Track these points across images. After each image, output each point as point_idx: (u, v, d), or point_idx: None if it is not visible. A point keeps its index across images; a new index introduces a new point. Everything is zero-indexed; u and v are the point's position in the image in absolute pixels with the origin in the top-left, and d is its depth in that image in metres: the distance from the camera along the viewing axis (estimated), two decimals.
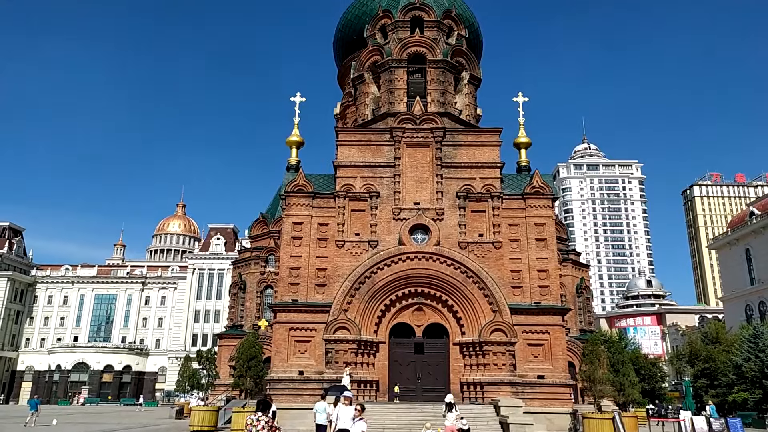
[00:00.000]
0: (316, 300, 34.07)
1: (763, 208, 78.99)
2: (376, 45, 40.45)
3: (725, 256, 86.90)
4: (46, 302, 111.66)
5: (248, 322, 54.02)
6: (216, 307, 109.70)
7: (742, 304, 79.66)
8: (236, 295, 56.99)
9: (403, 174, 35.86)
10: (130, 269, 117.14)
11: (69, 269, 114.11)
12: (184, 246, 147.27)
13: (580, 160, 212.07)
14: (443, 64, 38.75)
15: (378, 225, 35.12)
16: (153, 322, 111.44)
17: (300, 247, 34.90)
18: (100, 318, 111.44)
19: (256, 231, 60.18)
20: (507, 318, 33.12)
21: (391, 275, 34.18)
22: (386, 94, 38.70)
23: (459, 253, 34.42)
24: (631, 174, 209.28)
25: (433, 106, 37.78)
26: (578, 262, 55.03)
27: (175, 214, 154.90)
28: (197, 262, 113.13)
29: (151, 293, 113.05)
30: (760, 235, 76.85)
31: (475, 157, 36.48)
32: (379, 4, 44.65)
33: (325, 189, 36.17)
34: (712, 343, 65.65)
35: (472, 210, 35.39)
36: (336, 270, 34.49)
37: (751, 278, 78.71)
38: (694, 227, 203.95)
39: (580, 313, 51.04)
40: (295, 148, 40.71)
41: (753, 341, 52.14)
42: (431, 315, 34.86)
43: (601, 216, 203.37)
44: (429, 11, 40.06)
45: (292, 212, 35.62)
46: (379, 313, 34.28)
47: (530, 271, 34.34)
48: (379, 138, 36.71)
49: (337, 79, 62.22)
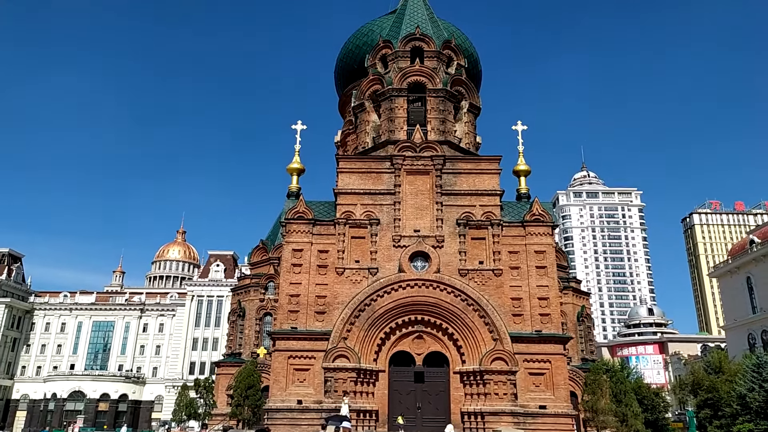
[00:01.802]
0: (315, 328, 33.84)
1: (763, 236, 78.92)
2: (376, 74, 40.98)
3: (726, 284, 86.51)
4: (43, 329, 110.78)
5: (247, 350, 53.51)
6: (215, 334, 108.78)
7: (744, 332, 79.01)
8: (235, 322, 56.59)
9: (403, 201, 35.98)
10: (128, 296, 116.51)
11: (67, 296, 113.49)
12: (183, 273, 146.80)
13: (580, 187, 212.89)
14: (443, 93, 39.21)
15: (378, 252, 35.10)
16: (150, 350, 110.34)
17: (300, 274, 34.82)
18: (97, 345, 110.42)
19: (256, 258, 60.06)
20: (508, 346, 32.85)
21: (391, 303, 34.02)
22: (387, 122, 39.07)
23: (459, 281, 34.32)
24: (631, 202, 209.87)
25: (433, 134, 38.10)
26: (579, 290, 54.77)
27: (175, 241, 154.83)
28: (196, 289, 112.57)
29: (150, 320, 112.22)
30: (761, 263, 76.60)
31: (475, 185, 36.66)
32: (379, 34, 45.38)
33: (325, 216, 36.25)
34: (715, 372, 64.83)
35: (472, 237, 35.42)
36: (336, 297, 34.35)
37: (753, 306, 78.19)
38: (695, 255, 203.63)
39: (582, 342, 50.63)
40: (295, 175, 40.93)
41: (756, 371, 51.51)
42: (431, 343, 34.58)
43: (601, 243, 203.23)
44: (429, 42, 40.69)
45: (293, 239, 35.63)
46: (379, 341, 34.03)
47: (531, 299, 34.21)
48: (380, 165, 36.94)
49: (338, 107, 62.87)
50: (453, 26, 55.31)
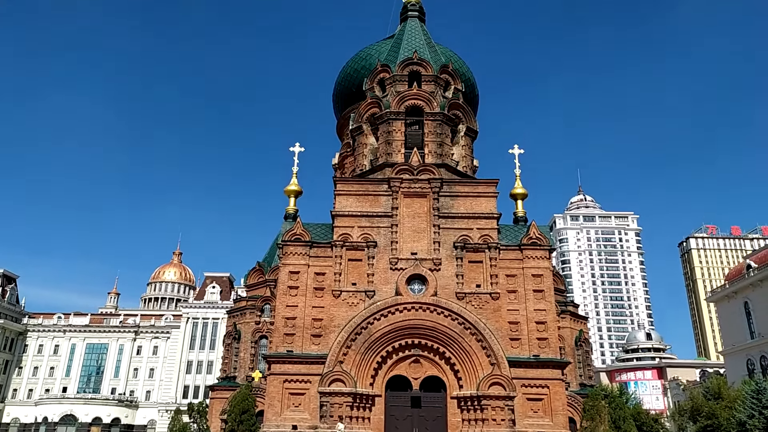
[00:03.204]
0: (311, 351, 33.50)
1: (760, 260, 78.93)
2: (374, 98, 41.28)
3: (724, 309, 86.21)
4: (36, 351, 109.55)
5: (242, 373, 52.87)
6: (209, 357, 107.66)
7: (743, 358, 78.50)
8: (230, 345, 55.97)
9: (400, 224, 35.94)
10: (123, 318, 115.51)
11: (61, 317, 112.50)
12: (179, 294, 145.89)
13: (576, 211, 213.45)
14: (440, 117, 39.46)
15: (375, 275, 34.94)
16: (144, 373, 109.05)
17: (296, 296, 34.59)
18: (90, 368, 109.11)
19: (253, 280, 59.67)
20: (505, 371, 32.54)
21: (387, 326, 33.76)
22: (384, 145, 39.23)
23: (456, 304, 34.13)
24: (627, 225, 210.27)
25: (430, 157, 38.23)
26: (577, 314, 54.43)
27: (171, 262, 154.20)
28: (191, 311, 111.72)
29: (144, 343, 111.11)
30: (758, 287, 76.46)
31: (472, 208, 36.67)
32: (377, 59, 45.83)
33: (322, 238, 36.16)
34: (714, 398, 64.26)
35: (470, 260, 35.31)
36: (332, 320, 34.09)
37: (751, 332, 77.81)
38: (692, 279, 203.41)
39: (580, 367, 50.16)
40: (293, 197, 40.99)
41: (756, 397, 51.07)
42: (428, 367, 34.24)
43: (598, 267, 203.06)
44: (426, 66, 41.08)
45: (289, 261, 35.48)
46: (376, 365, 33.67)
47: (528, 323, 33.98)
48: (377, 188, 36.98)
49: (336, 129, 63.22)
50: (450, 51, 55.97)
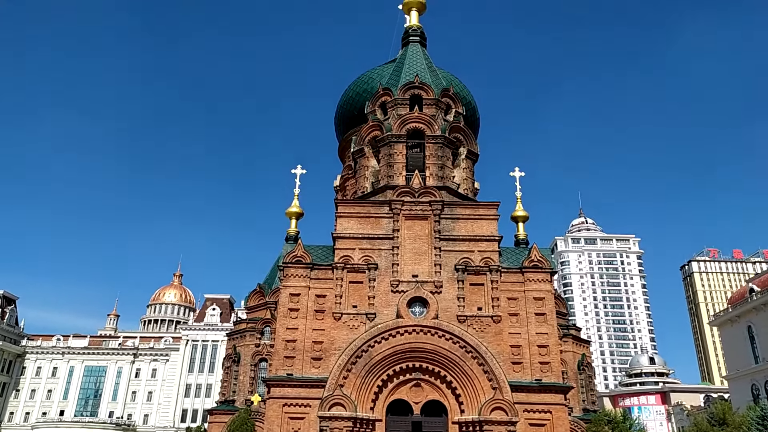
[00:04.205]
0: (311, 374, 33.22)
1: (763, 284, 78.50)
2: (376, 120, 41.56)
3: (727, 333, 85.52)
4: (34, 374, 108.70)
5: (241, 397, 52.37)
6: (208, 380, 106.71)
7: (747, 383, 77.62)
8: (230, 368, 55.54)
9: (401, 246, 35.90)
10: (122, 340, 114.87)
11: (60, 339, 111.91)
12: (178, 316, 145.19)
13: (578, 233, 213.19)
14: (441, 140, 39.67)
15: (376, 297, 34.80)
16: (142, 396, 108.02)
17: (297, 319, 34.41)
18: (88, 391, 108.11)
19: (253, 302, 59.45)
20: (507, 396, 32.19)
21: (388, 349, 33.50)
22: (385, 167, 39.38)
23: (458, 327, 33.91)
24: (629, 248, 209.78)
25: (431, 179, 38.35)
26: (579, 338, 54.06)
27: (171, 284, 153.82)
28: (191, 333, 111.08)
29: (142, 365, 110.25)
30: (761, 311, 75.94)
31: (473, 231, 36.65)
32: (379, 82, 46.26)
33: (323, 260, 36.10)
34: (719, 424, 63.45)
35: (471, 283, 35.18)
36: (332, 343, 33.85)
37: (755, 356, 77.06)
38: (695, 303, 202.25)
39: (583, 392, 49.64)
40: (294, 219, 41.06)
41: (761, 423, 50.45)
42: (429, 391, 33.88)
43: (600, 290, 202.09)
44: (428, 90, 41.44)
45: (290, 283, 35.37)
46: (376, 389, 33.34)
47: (530, 347, 33.70)
48: (378, 210, 37.03)
49: (338, 152, 63.53)
50: (451, 75, 56.48)
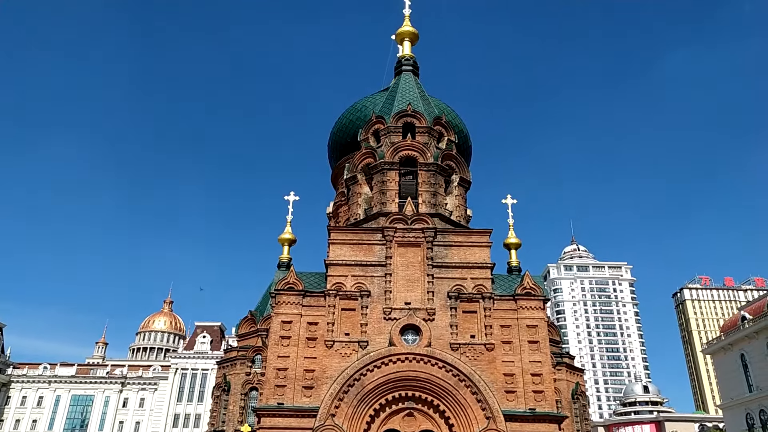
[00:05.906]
0: (303, 403, 32.74)
1: (755, 312, 78.61)
2: (369, 148, 41.84)
3: (720, 361, 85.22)
4: (19, 403, 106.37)
5: (230, 427, 51.40)
6: (197, 410, 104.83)
7: (742, 412, 77.08)
8: (219, 397, 54.61)
9: (394, 273, 35.81)
10: (110, 368, 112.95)
11: (47, 368, 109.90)
12: (168, 344, 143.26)
13: (570, 261, 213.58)
14: (434, 167, 39.93)
15: (368, 325, 34.55)
16: (130, 426, 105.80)
17: (288, 347, 34.05)
18: (74, 421, 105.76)
19: (244, 329, 58.78)
20: (501, 425, 31.82)
21: (381, 377, 33.15)
22: (378, 194, 39.51)
23: (451, 355, 33.65)
24: (621, 276, 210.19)
25: (424, 206, 38.48)
26: (573, 366, 53.67)
27: (162, 311, 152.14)
28: (180, 362, 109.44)
29: (130, 395, 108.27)
30: (754, 339, 75.85)
31: (466, 258, 36.66)
32: (372, 110, 46.70)
33: (315, 287, 35.91)
34: None
35: (464, 311, 35.04)
36: (324, 371, 33.47)
37: (749, 384, 76.69)
38: (687, 331, 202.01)
39: (577, 421, 49.10)
40: (287, 246, 40.91)
41: None
42: (422, 421, 33.44)
43: (593, 318, 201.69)
44: (420, 118, 41.87)
45: (282, 310, 35.10)
46: (368, 418, 32.87)
47: (524, 375, 33.46)
48: (371, 237, 37.03)
49: (331, 179, 63.73)
50: (444, 104, 57.12)
